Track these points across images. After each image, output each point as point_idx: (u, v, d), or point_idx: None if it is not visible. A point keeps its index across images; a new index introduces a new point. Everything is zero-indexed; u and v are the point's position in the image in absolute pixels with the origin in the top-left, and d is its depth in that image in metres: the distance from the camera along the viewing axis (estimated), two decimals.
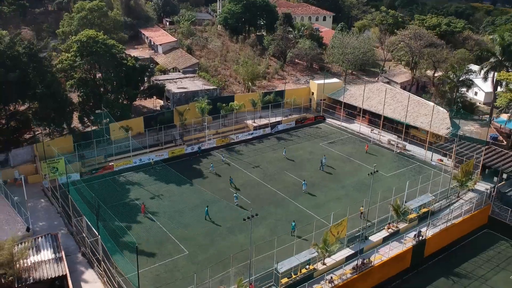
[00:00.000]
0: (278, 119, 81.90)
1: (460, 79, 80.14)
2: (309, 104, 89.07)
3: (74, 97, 71.06)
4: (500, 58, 75.38)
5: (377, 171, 51.19)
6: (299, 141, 76.73)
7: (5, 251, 40.24)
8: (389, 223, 53.42)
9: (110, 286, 42.31)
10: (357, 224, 52.73)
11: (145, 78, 77.42)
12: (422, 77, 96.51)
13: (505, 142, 70.75)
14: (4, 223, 50.89)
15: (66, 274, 41.54)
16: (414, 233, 52.39)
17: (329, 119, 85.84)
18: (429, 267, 51.16)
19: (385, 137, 77.55)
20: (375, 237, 51.69)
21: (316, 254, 45.89)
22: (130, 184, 61.64)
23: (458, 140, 66.86)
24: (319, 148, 73.85)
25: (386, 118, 78.47)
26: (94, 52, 67.27)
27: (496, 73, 77.03)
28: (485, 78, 77.45)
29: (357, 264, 46.64)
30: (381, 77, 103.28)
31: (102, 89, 70.59)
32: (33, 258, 42.83)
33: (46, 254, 43.69)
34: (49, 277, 40.96)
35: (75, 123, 70.64)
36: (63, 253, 44.18)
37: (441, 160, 69.62)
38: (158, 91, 79.37)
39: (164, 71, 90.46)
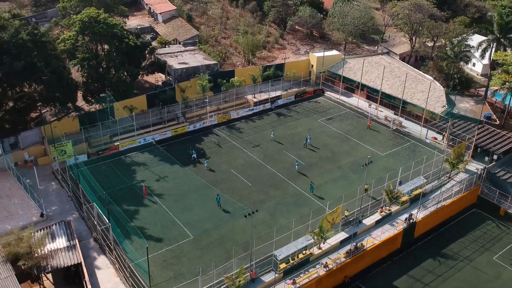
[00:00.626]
0: (278, 93, 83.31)
1: (460, 50, 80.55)
2: (308, 77, 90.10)
3: (77, 75, 72.47)
4: (498, 36, 75.85)
5: (371, 162, 53.62)
6: (298, 117, 78.42)
7: (24, 243, 43.31)
8: (381, 207, 56.40)
9: (122, 272, 45.72)
10: (352, 208, 55.68)
11: (146, 55, 78.24)
12: (421, 51, 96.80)
13: (498, 122, 72.63)
14: (18, 208, 53.87)
15: (80, 262, 44.91)
16: (405, 215, 55.44)
17: (328, 92, 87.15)
18: (418, 248, 54.68)
19: (383, 112, 79.32)
20: (368, 220, 54.75)
21: (312, 240, 49.10)
22: (136, 165, 64.11)
23: (452, 120, 68.83)
24: (318, 125, 75.75)
25: (383, 94, 79.87)
26: (96, 33, 68.11)
27: (493, 50, 77.69)
28: (482, 56, 78.18)
29: (350, 249, 50.05)
30: (380, 46, 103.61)
31: (104, 65, 71.60)
32: (49, 246, 45.84)
33: (61, 242, 46.74)
34: (65, 266, 44.30)
35: (79, 100, 72.47)
36: (76, 240, 47.29)
37: (435, 138, 71.80)
38: (159, 67, 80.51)
39: (165, 43, 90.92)
